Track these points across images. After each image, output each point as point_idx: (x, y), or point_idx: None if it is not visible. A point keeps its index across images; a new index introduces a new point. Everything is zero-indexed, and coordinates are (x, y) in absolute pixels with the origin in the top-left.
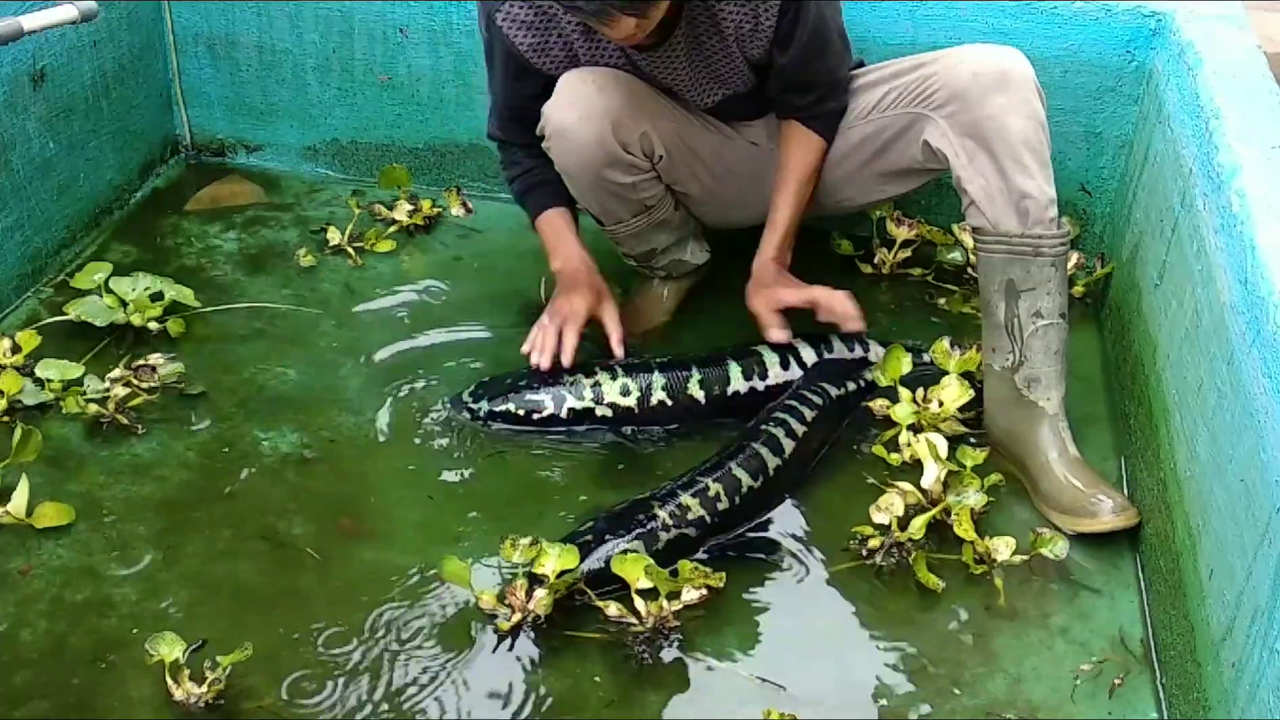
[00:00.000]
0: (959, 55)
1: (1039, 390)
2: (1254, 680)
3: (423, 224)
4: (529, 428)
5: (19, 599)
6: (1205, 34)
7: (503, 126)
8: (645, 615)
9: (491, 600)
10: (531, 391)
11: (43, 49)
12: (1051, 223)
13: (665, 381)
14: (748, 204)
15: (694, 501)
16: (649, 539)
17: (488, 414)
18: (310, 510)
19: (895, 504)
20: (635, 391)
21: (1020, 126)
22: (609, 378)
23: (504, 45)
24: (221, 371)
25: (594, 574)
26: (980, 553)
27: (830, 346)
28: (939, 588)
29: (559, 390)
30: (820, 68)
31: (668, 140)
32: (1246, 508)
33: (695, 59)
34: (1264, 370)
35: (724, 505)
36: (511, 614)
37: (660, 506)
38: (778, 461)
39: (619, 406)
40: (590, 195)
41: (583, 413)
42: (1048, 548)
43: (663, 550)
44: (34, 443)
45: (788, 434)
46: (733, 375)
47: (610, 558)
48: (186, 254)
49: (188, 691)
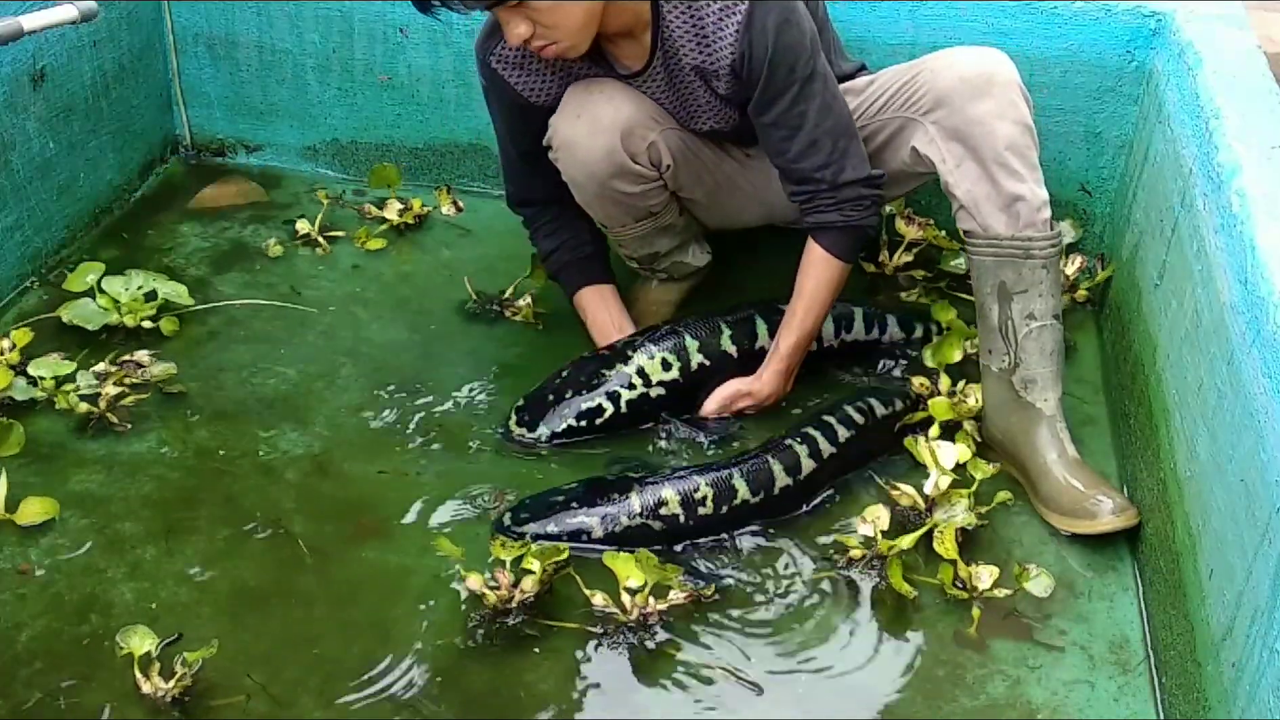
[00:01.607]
0: (945, 59)
1: (1036, 391)
2: (1254, 680)
3: (413, 222)
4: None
5: (15, 598)
6: (1205, 34)
7: (520, 183)
8: (630, 608)
9: (480, 582)
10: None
11: (43, 49)
12: (1044, 224)
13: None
14: (747, 209)
15: (674, 498)
16: (610, 521)
17: (533, 536)
18: (307, 509)
19: (881, 516)
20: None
21: (1007, 131)
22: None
23: (499, 87)
24: (218, 370)
25: (547, 536)
26: (961, 578)
27: (850, 327)
28: (911, 595)
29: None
30: (784, 135)
31: (674, 149)
32: (1246, 508)
33: (676, 90)
34: (1264, 370)
35: (705, 511)
36: (500, 591)
37: (639, 494)
38: (788, 481)
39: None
40: (596, 204)
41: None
42: (1030, 583)
43: (618, 535)
44: (14, 436)
45: (811, 454)
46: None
47: (572, 531)
48: (186, 254)
49: (155, 686)
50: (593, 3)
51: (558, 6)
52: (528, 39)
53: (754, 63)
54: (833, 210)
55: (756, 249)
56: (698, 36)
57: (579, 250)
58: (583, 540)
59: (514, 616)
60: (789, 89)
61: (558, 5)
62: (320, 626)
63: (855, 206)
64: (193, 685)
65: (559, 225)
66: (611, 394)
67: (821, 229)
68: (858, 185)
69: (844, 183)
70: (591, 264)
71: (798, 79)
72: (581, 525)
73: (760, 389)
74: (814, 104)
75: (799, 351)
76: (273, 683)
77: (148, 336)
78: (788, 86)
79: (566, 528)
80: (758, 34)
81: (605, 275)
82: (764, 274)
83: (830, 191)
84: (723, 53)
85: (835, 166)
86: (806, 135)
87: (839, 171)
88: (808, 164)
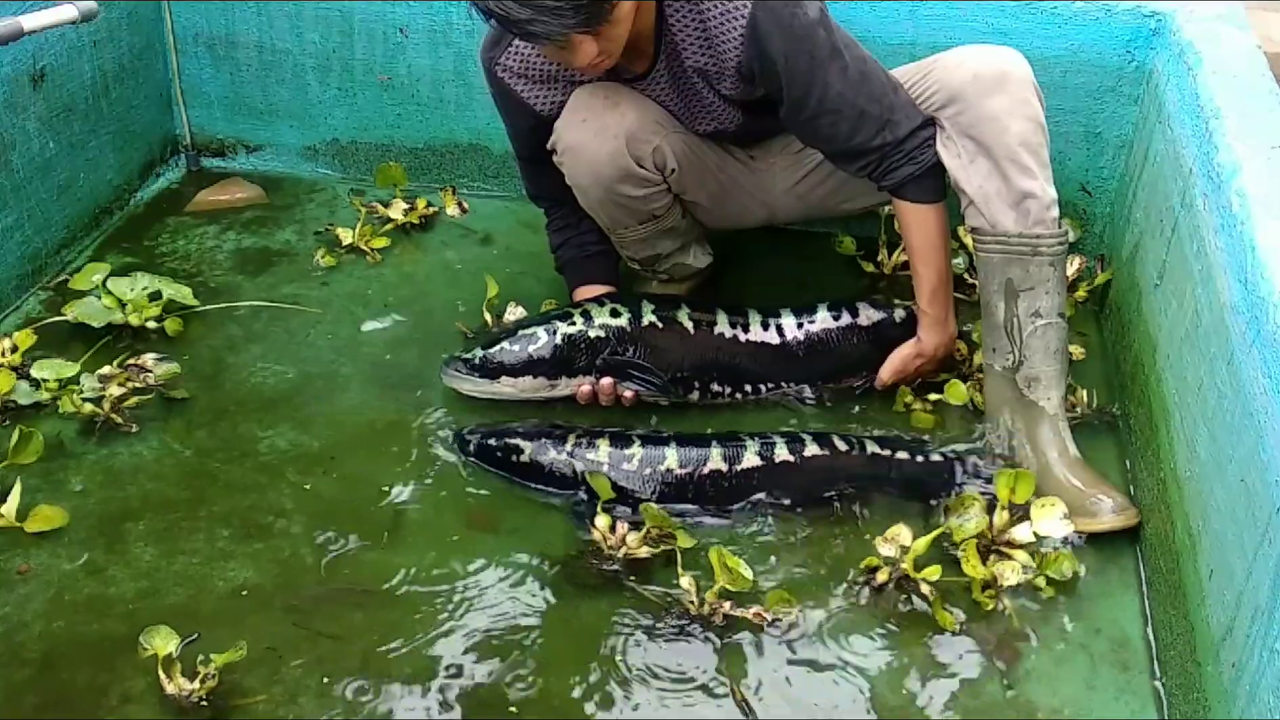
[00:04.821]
0: (958, 57)
1: (1039, 390)
2: (1254, 680)
3: (418, 223)
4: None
5: (17, 598)
6: (1205, 34)
7: (532, 180)
8: (699, 602)
9: (606, 524)
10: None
11: (43, 49)
12: (1052, 222)
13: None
14: (750, 211)
15: (605, 447)
16: (540, 449)
17: (476, 445)
18: (307, 509)
19: (902, 534)
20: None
21: (1020, 128)
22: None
23: (505, 95)
24: (220, 371)
25: (485, 448)
26: (986, 579)
27: (856, 311)
28: (954, 627)
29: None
30: (829, 120)
31: (679, 153)
32: (1246, 508)
33: (680, 92)
34: (1264, 370)
35: (629, 468)
36: (608, 545)
37: (575, 437)
38: (721, 467)
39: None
40: (600, 207)
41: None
42: (1054, 569)
43: (541, 464)
44: (34, 445)
45: (759, 453)
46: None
47: (505, 446)
48: (186, 254)
49: (179, 687)
50: (636, 13)
51: (623, 19)
52: (594, 57)
53: (769, 63)
54: (906, 164)
55: (757, 250)
56: (702, 38)
57: (584, 249)
58: (513, 460)
59: (611, 564)
60: (815, 75)
61: (624, 17)
62: (321, 627)
63: (923, 149)
64: (218, 686)
65: (567, 222)
66: (549, 325)
67: (902, 185)
68: (918, 131)
69: (905, 135)
70: (593, 263)
71: (820, 60)
72: (516, 445)
73: (925, 345)
74: (846, 77)
75: (939, 298)
76: (273, 682)
77: (152, 337)
78: (813, 73)
79: (502, 443)
80: (766, 35)
81: (606, 276)
82: (764, 275)
83: (896, 149)
84: (728, 54)
85: (891, 125)
86: (851, 110)
87: (896, 127)
88: (864, 136)
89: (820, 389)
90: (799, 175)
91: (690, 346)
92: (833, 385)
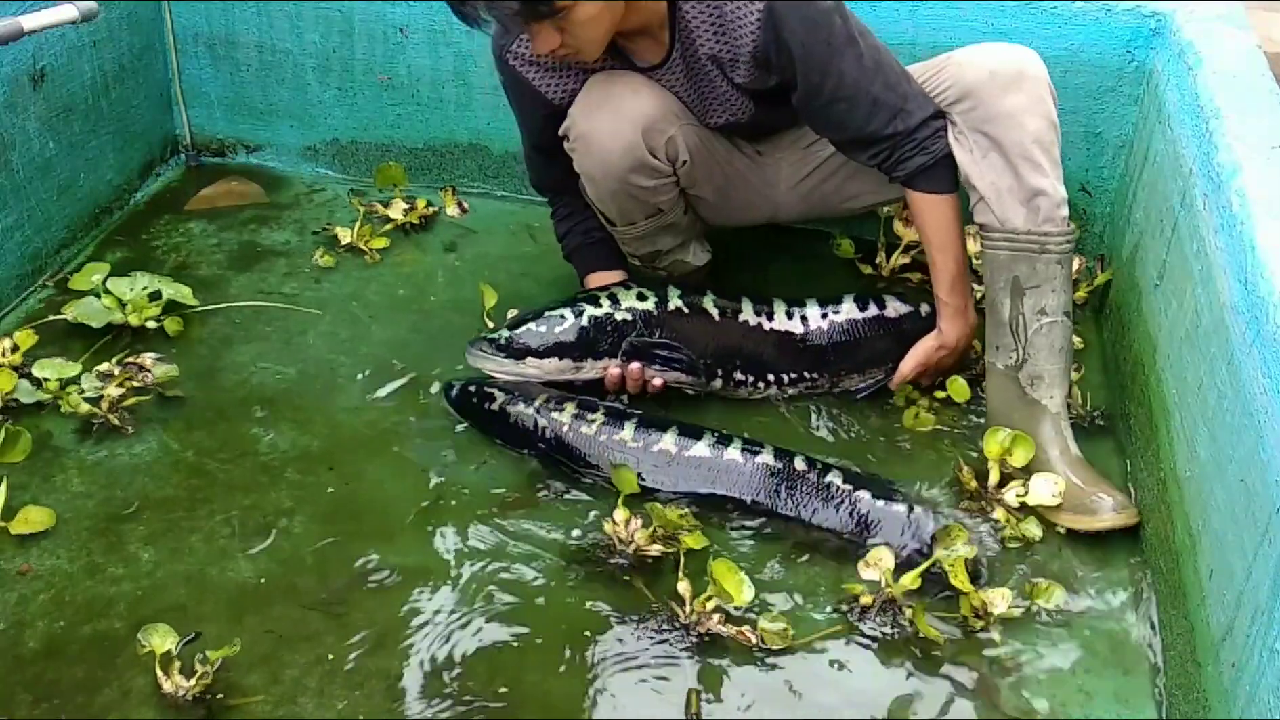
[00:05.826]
0: (972, 54)
1: (1042, 388)
2: (1254, 680)
3: (418, 223)
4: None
5: (18, 598)
6: (1205, 34)
7: (538, 171)
8: (689, 611)
9: (624, 517)
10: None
11: (43, 49)
12: (1062, 221)
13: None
14: (754, 207)
15: (570, 409)
16: (515, 398)
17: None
18: (307, 509)
19: (885, 558)
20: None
21: (1035, 125)
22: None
23: (518, 84)
24: (220, 370)
25: (459, 395)
26: (976, 606)
27: (883, 304)
28: (941, 640)
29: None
30: (843, 107)
31: (691, 145)
32: (1246, 508)
33: (694, 82)
34: (1264, 370)
35: (587, 430)
36: (618, 540)
37: (543, 394)
38: (672, 453)
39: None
40: (609, 198)
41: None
42: (1044, 599)
43: (512, 418)
44: (22, 444)
45: (717, 444)
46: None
47: (482, 393)
48: (186, 254)
49: (176, 684)
50: (613, 13)
51: (589, 19)
52: (555, 48)
53: (786, 49)
54: (918, 154)
55: (755, 250)
56: (716, 26)
57: (590, 235)
58: (484, 407)
59: (617, 557)
60: (831, 61)
61: (590, 18)
62: (320, 626)
63: (935, 139)
64: (214, 684)
65: (573, 209)
66: (575, 307)
67: (914, 176)
68: (929, 121)
69: (917, 125)
70: (601, 249)
71: (836, 47)
72: (490, 394)
73: (947, 336)
74: (861, 64)
75: (959, 288)
76: (274, 682)
77: (151, 337)
78: (829, 59)
79: (479, 390)
80: (783, 21)
81: (615, 262)
82: (763, 273)
83: (908, 138)
84: (744, 40)
85: (904, 114)
86: (866, 98)
87: (909, 116)
88: (877, 124)
89: (840, 380)
90: (805, 171)
91: (715, 333)
92: (857, 375)
